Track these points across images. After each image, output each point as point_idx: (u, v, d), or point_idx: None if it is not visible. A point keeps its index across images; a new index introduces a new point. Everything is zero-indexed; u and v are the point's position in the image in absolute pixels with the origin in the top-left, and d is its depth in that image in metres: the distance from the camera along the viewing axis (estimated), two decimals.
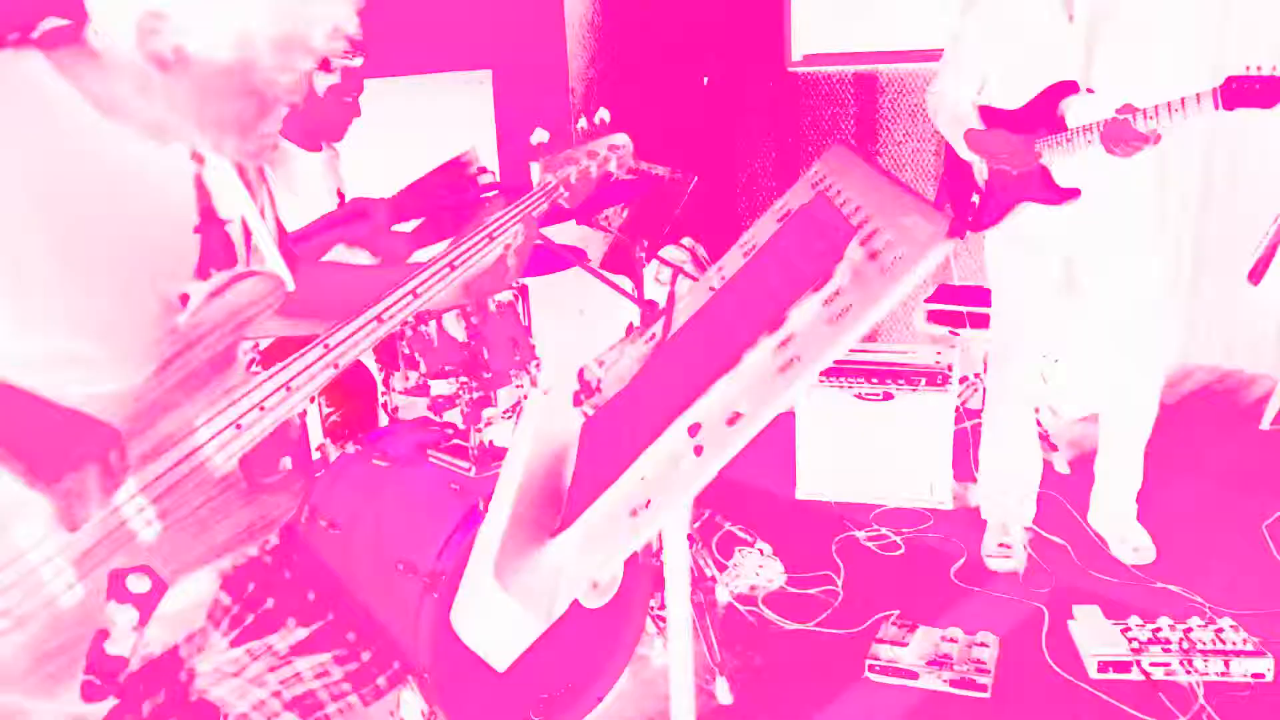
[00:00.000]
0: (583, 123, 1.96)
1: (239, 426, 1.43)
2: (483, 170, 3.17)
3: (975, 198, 3.27)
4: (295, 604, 1.67)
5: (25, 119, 1.29)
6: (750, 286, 1.19)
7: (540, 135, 1.92)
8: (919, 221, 0.90)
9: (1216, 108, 2.68)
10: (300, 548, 1.76)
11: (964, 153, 3.25)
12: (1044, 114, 3.02)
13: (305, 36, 1.32)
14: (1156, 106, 2.76)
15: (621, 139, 1.97)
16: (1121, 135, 2.83)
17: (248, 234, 1.57)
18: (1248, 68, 2.65)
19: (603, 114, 1.99)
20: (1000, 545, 3.46)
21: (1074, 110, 2.96)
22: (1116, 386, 3.42)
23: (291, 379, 1.46)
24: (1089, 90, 2.97)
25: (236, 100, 1.34)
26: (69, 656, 1.35)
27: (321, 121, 3.20)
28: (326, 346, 1.49)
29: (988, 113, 3.21)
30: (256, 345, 2.63)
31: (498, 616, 0.97)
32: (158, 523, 1.39)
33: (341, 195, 3.34)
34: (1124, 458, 3.46)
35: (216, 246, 1.51)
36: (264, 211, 1.63)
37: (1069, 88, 2.98)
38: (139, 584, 1.36)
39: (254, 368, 1.54)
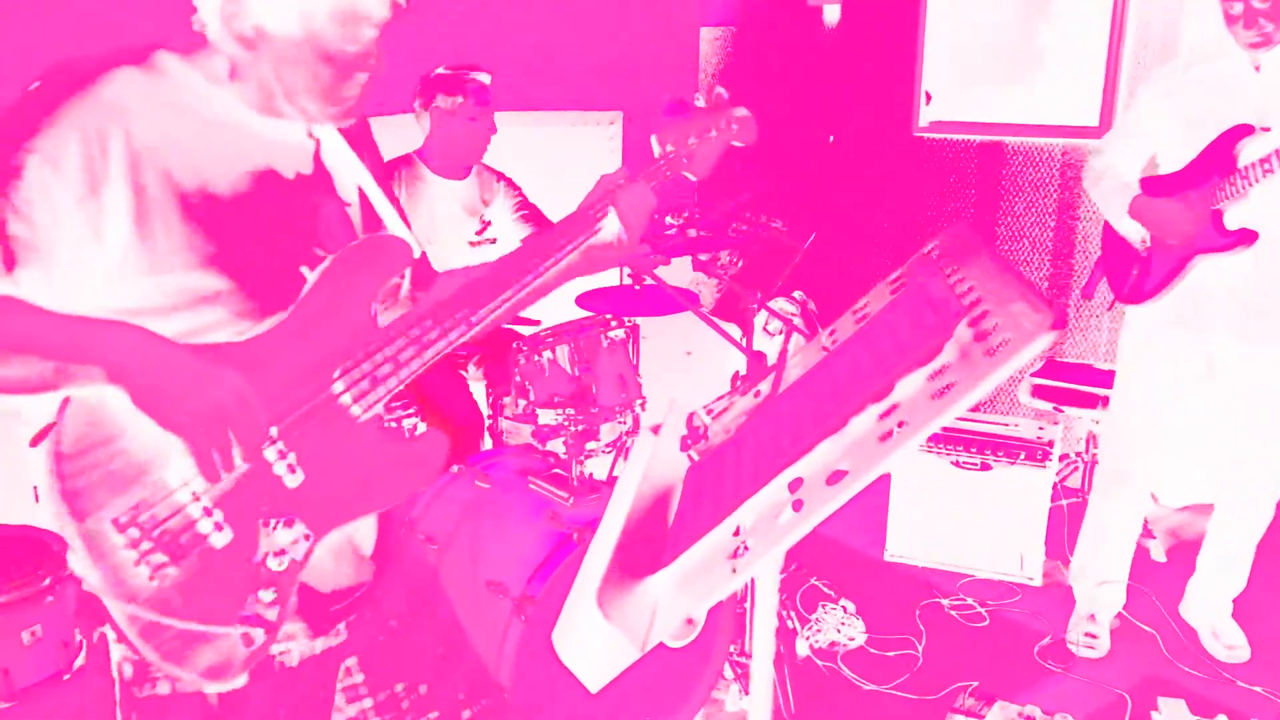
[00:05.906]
0: (701, 100, 1.89)
1: (374, 379, 1.50)
2: None
3: (1135, 270, 3.17)
4: (424, 660, 1.74)
5: (166, 94, 1.44)
6: (861, 354, 1.25)
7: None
8: (1025, 310, 0.95)
9: None
10: (436, 604, 1.83)
11: (1123, 223, 3.15)
12: (1218, 160, 2.91)
13: (359, 6, 1.46)
14: None
15: (743, 111, 1.87)
16: None
17: (367, 206, 1.66)
18: None
19: (720, 90, 1.92)
20: (1087, 635, 3.40)
21: (1249, 151, 2.85)
22: (1238, 482, 3.34)
23: (423, 334, 1.53)
24: (1264, 129, 2.85)
25: (314, 68, 1.47)
26: (223, 595, 1.38)
27: (455, 142, 3.33)
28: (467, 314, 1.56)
29: (1149, 184, 3.12)
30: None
31: (596, 640, 1.04)
32: (300, 470, 1.43)
33: (485, 223, 3.46)
34: (1232, 555, 3.38)
35: (337, 216, 1.61)
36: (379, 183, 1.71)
37: (1244, 130, 2.87)
38: (287, 535, 1.40)
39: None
